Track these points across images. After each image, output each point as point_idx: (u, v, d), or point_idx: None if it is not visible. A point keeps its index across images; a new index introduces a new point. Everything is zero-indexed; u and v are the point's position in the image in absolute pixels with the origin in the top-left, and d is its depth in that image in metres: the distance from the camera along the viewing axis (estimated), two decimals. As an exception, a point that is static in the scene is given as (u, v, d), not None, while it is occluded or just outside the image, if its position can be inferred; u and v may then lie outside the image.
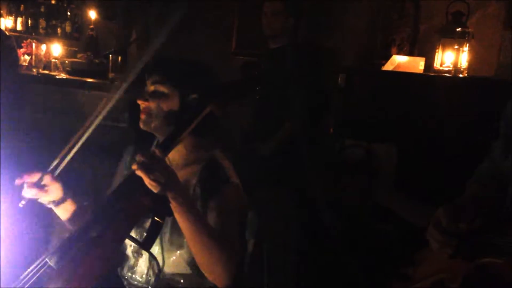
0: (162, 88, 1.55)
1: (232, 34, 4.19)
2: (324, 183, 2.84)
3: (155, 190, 1.37)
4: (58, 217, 1.61)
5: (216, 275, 1.45)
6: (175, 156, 1.60)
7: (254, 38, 3.95)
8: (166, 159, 1.55)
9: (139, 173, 1.36)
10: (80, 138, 1.45)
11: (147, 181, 1.36)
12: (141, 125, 1.58)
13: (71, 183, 2.61)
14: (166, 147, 1.46)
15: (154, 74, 1.57)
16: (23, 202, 1.46)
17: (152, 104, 1.55)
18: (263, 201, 1.91)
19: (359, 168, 2.85)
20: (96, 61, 4.44)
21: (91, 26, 4.82)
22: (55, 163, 1.49)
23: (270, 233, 1.84)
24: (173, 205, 1.39)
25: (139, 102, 1.57)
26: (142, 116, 1.57)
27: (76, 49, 4.61)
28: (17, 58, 2.83)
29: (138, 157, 1.39)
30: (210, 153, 1.62)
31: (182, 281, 1.60)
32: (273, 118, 2.80)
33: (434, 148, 2.81)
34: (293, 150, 2.70)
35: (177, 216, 1.41)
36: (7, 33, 2.98)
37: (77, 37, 4.98)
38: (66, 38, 4.90)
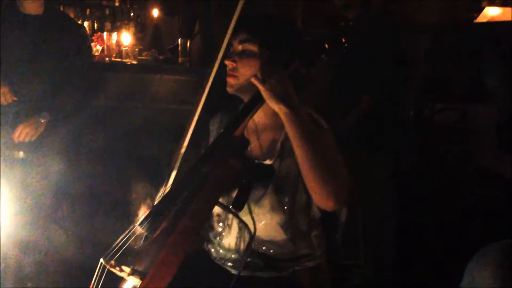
0: (251, 47, 1.48)
1: (298, 16, 4.06)
2: (415, 150, 2.66)
3: (269, 100, 1.36)
4: None
5: (333, 195, 1.37)
6: (262, 117, 1.54)
7: (321, 22, 3.82)
8: (251, 121, 1.53)
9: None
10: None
11: (262, 88, 1.36)
12: (228, 89, 1.53)
13: (146, 166, 2.62)
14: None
15: (242, 33, 1.50)
16: None
17: (240, 65, 1.49)
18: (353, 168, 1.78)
19: (454, 131, 2.64)
20: (161, 57, 4.47)
21: (154, 24, 4.86)
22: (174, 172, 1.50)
23: (364, 201, 1.71)
24: (284, 119, 1.36)
25: (227, 63, 1.51)
26: (229, 80, 1.52)
27: (141, 47, 4.65)
28: (90, 47, 2.86)
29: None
30: None
31: (274, 247, 1.51)
32: (351, 91, 2.71)
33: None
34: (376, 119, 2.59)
35: (289, 131, 1.37)
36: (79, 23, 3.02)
37: (141, 36, 5.03)
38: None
